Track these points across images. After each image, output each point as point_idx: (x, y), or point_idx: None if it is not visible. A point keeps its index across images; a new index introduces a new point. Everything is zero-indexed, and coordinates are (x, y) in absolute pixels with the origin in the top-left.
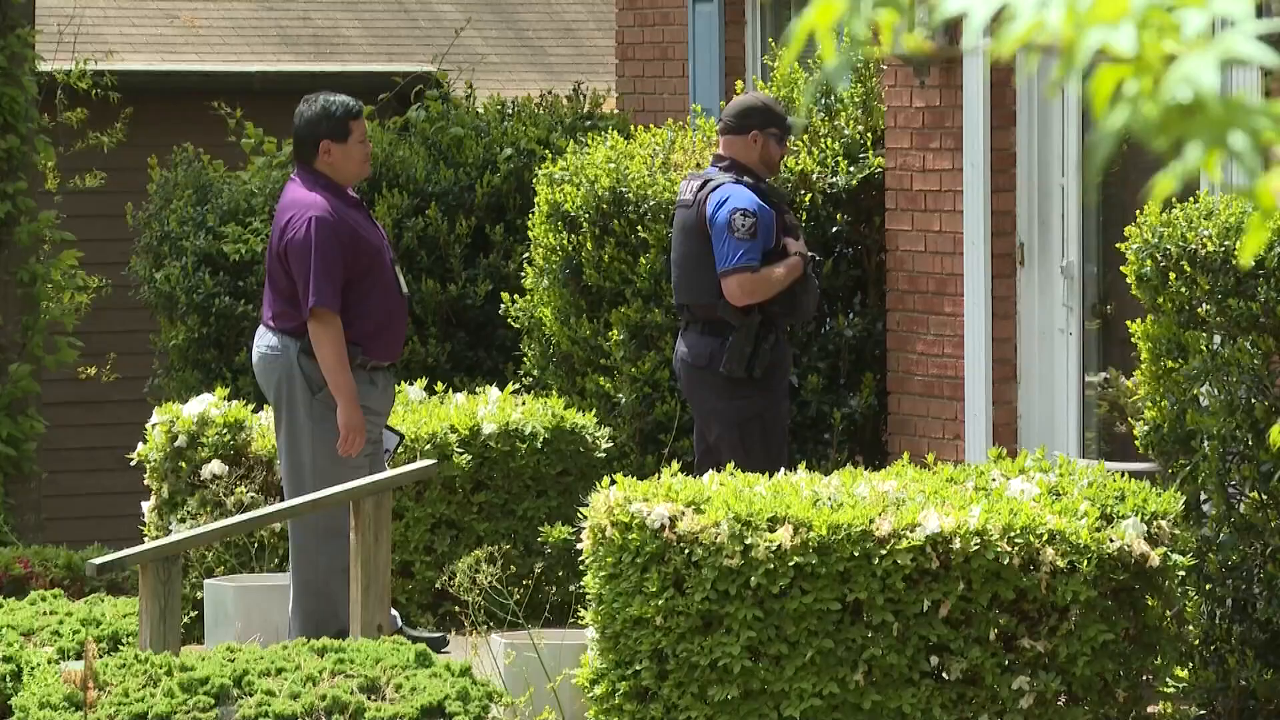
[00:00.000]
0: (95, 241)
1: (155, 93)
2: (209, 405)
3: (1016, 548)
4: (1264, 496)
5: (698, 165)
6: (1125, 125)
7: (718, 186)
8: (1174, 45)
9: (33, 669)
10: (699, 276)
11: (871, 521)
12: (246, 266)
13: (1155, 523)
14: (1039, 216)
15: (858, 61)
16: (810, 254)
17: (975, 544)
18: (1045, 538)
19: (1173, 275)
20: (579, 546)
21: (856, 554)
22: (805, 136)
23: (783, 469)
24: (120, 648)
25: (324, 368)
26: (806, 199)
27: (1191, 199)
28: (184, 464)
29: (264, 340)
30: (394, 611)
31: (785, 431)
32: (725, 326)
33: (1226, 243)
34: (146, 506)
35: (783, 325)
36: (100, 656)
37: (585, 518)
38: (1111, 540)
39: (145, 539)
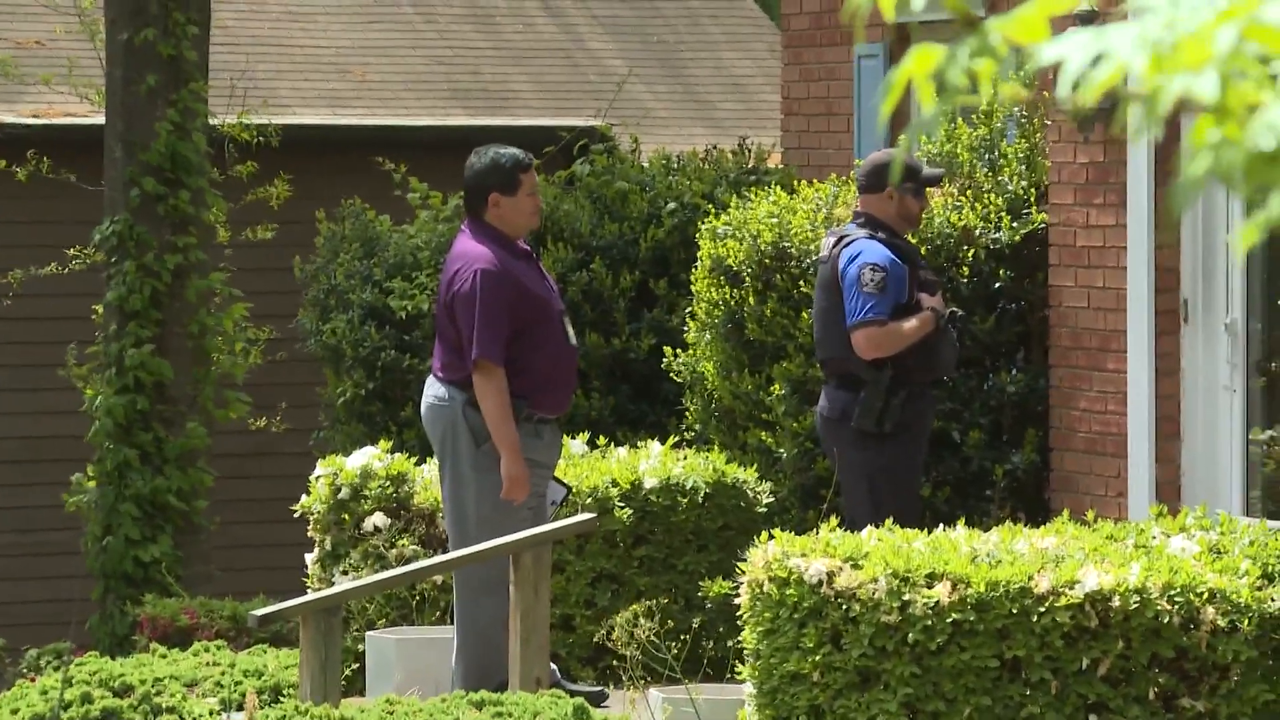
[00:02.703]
0: (264, 294)
1: (324, 146)
2: (372, 458)
3: (1177, 606)
4: None
5: None
6: (1208, 172)
7: (851, 242)
8: (1269, 94)
9: None
10: (833, 331)
11: (1030, 578)
12: (412, 321)
13: None
14: (1203, 273)
15: (950, 111)
16: (951, 310)
17: (1135, 602)
18: (1206, 596)
19: None
20: (738, 601)
21: (1015, 611)
22: (969, 192)
23: (921, 523)
24: (281, 699)
25: (487, 420)
26: (969, 254)
27: None
28: (347, 516)
29: (432, 390)
30: (553, 665)
31: (917, 487)
32: (858, 380)
33: None
34: (309, 558)
35: (919, 380)
36: (261, 708)
37: (744, 573)
38: (1273, 599)
39: (308, 591)
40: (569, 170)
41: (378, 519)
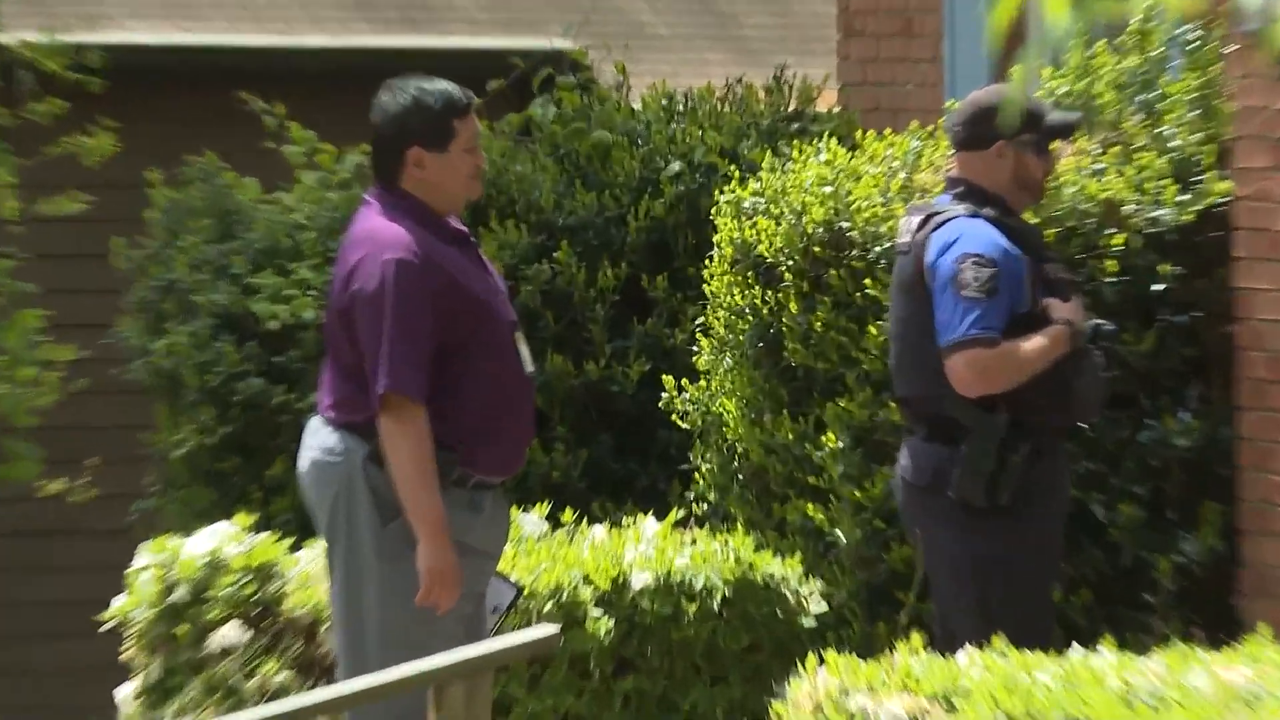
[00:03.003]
0: (70, 294)
1: (165, 77)
2: (224, 540)
3: None
4: None
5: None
6: None
7: (945, 222)
8: None
9: None
10: (919, 355)
11: None
12: (288, 335)
13: None
14: None
15: (1086, 30)
16: (1096, 323)
17: None
18: None
19: None
20: None
21: None
22: (1115, 149)
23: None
24: None
25: (399, 483)
26: (1118, 241)
27: None
28: (184, 628)
29: (318, 439)
30: None
31: (1047, 589)
32: (957, 429)
33: None
34: (125, 692)
35: (1049, 429)
36: None
37: (782, 716)
38: None
39: None
40: (524, 114)
41: (231, 632)
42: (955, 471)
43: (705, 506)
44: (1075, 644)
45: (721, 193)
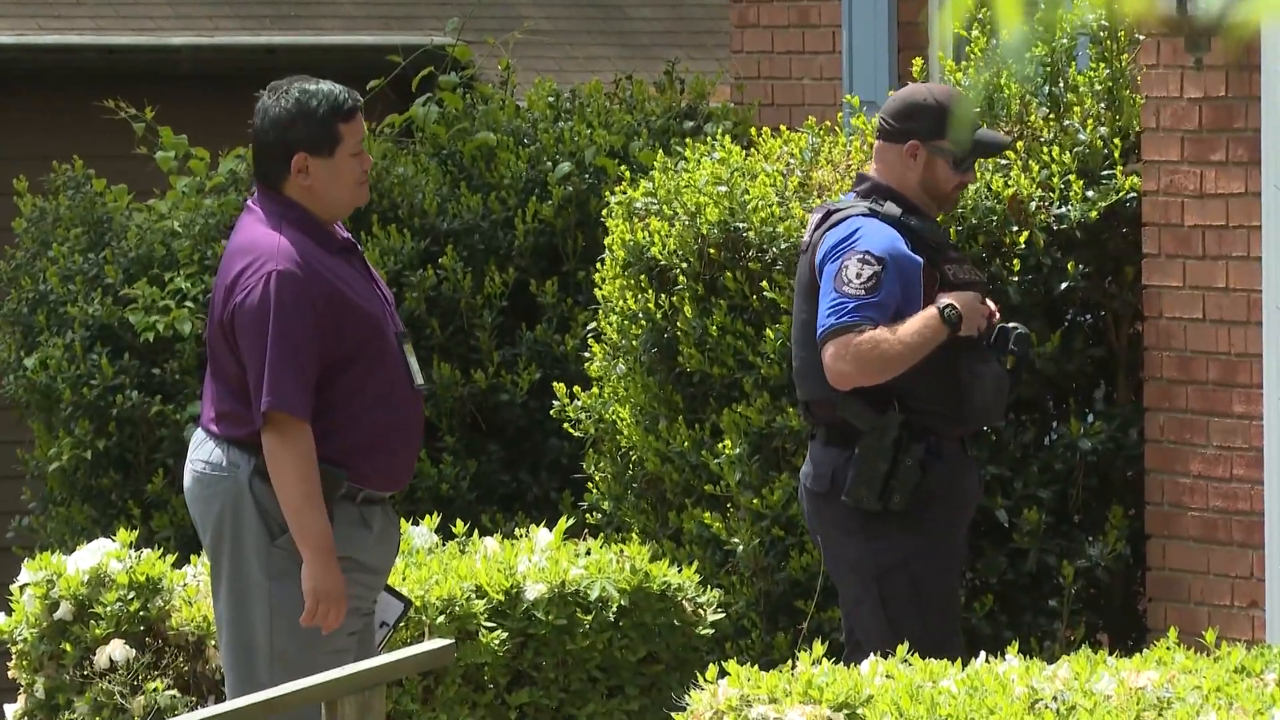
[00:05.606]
0: None
1: (24, 79)
2: (107, 556)
3: None
4: None
5: None
6: None
7: (843, 219)
8: None
9: None
10: (817, 358)
11: None
12: (165, 346)
13: None
14: None
15: (1052, 35)
16: (1001, 326)
17: None
18: None
19: None
20: None
21: None
22: (1020, 144)
23: (959, 652)
24: None
25: (284, 503)
26: (1021, 239)
27: None
28: (69, 646)
29: (201, 453)
30: None
31: (953, 596)
32: (852, 433)
33: None
34: (12, 710)
35: (945, 431)
36: None
37: None
38: None
39: None
40: (405, 114)
41: (117, 650)
42: (849, 474)
43: (599, 516)
44: (980, 651)
45: (613, 194)
